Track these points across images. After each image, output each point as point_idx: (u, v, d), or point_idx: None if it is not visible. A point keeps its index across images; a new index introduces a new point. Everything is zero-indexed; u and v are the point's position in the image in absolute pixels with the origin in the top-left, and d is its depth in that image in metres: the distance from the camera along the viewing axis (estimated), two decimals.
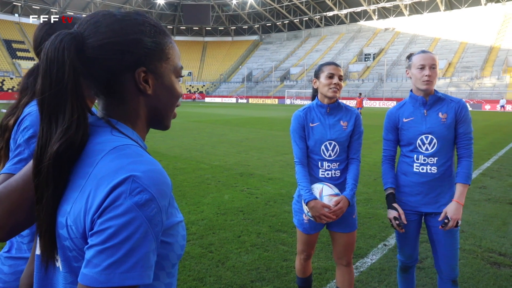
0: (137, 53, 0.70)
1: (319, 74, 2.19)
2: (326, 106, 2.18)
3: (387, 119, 2.28)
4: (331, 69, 2.13)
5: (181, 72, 0.80)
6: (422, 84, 2.10)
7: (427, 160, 2.13)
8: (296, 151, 2.20)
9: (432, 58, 2.10)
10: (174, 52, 0.77)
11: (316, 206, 2.01)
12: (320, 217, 2.01)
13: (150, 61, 0.72)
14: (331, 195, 2.04)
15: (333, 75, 2.12)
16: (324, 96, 2.17)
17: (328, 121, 2.17)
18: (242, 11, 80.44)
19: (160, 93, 0.75)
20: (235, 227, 4.12)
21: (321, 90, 2.17)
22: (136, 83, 0.71)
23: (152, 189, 0.60)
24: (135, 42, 0.69)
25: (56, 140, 0.63)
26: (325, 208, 2.01)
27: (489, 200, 5.31)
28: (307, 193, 2.06)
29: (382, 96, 48.76)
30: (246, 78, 69.41)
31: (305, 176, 2.13)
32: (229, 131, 14.81)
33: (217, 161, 8.17)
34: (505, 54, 47.41)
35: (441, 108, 2.14)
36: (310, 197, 2.04)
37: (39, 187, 0.64)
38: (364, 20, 70.54)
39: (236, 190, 5.68)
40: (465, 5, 59.13)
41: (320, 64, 2.23)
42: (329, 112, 2.19)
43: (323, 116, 2.19)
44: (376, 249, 3.58)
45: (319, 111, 2.20)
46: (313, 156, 2.18)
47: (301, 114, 2.21)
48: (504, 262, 3.34)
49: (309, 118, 2.19)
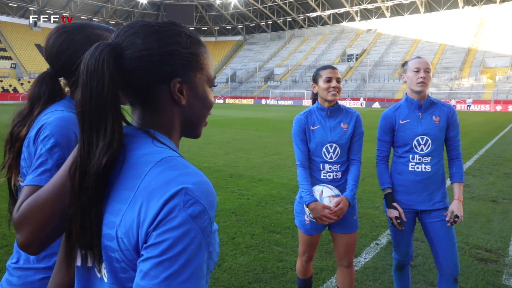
0: (173, 64, 0.71)
1: (317, 78, 2.23)
2: (326, 109, 2.23)
3: (383, 120, 2.35)
4: (328, 73, 2.18)
5: (214, 82, 0.81)
6: (417, 85, 2.19)
7: (422, 160, 2.23)
8: (297, 154, 2.24)
9: (426, 62, 2.20)
10: (208, 63, 0.78)
11: (317, 208, 2.06)
12: (321, 218, 2.05)
13: (185, 72, 0.73)
14: (331, 196, 2.08)
15: (330, 78, 2.17)
16: (324, 99, 2.21)
17: (329, 123, 2.22)
18: (226, 11, 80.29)
19: (194, 103, 0.76)
20: (229, 229, 4.13)
21: (321, 94, 2.21)
22: (171, 94, 0.72)
23: (204, 200, 0.61)
24: (171, 53, 0.71)
25: (102, 154, 0.64)
26: (325, 209, 2.05)
27: (473, 198, 5.49)
28: (308, 195, 2.10)
29: (365, 96, 49.52)
30: (230, 79, 69.30)
31: (306, 179, 2.17)
32: (215, 131, 14.78)
33: (205, 162, 8.15)
34: (482, 55, 48.91)
35: (434, 111, 2.26)
36: (311, 199, 2.09)
37: (85, 200, 0.64)
38: (346, 21, 71.49)
39: (227, 192, 5.69)
40: (444, 8, 60.68)
41: (317, 69, 2.28)
42: (330, 115, 2.23)
43: (324, 119, 2.23)
44: (369, 248, 3.66)
45: (319, 114, 2.24)
46: (314, 158, 2.22)
47: (302, 118, 2.25)
48: (491, 258, 3.47)
49: (310, 121, 2.24)
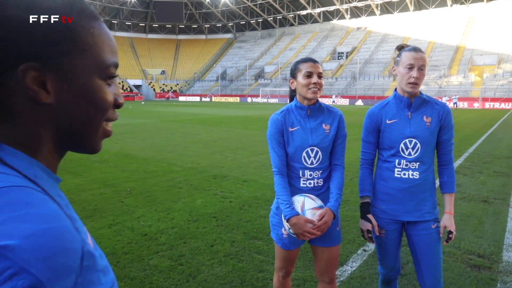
0: (25, 39, 0.45)
1: (296, 73, 1.95)
2: (306, 108, 1.96)
3: (368, 119, 2.09)
4: (309, 67, 1.90)
5: (111, 72, 0.55)
6: (407, 86, 1.93)
7: (409, 165, 1.97)
8: (274, 159, 1.96)
9: (422, 58, 1.91)
10: (98, 42, 0.52)
11: (299, 223, 1.79)
12: (303, 234, 1.79)
13: (50, 52, 0.47)
14: (314, 208, 1.83)
15: (311, 73, 1.89)
16: (304, 97, 1.94)
17: (309, 124, 1.95)
18: (216, 9, 79.67)
19: (72, 102, 0.50)
20: (208, 235, 3.87)
21: (300, 91, 1.94)
22: (25, 88, 0.46)
23: (39, 267, 0.36)
24: (20, 21, 0.45)
25: None
26: (308, 223, 1.79)
27: (464, 198, 5.31)
28: (288, 208, 1.83)
29: (355, 94, 49.58)
30: (221, 77, 68.82)
31: (285, 188, 1.90)
32: (203, 130, 14.47)
33: (190, 163, 7.86)
34: (470, 53, 49.27)
35: (425, 111, 1.99)
36: (292, 213, 1.82)
37: None
38: (337, 19, 71.44)
39: (209, 194, 5.42)
40: (433, 6, 60.98)
41: (296, 62, 1.99)
42: (310, 115, 1.97)
43: (304, 119, 1.96)
44: (356, 255, 3.43)
45: (298, 114, 1.97)
46: (293, 164, 1.96)
47: (279, 118, 1.97)
48: (484, 265, 3.26)
49: (288, 121, 1.96)
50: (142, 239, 3.77)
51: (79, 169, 7.10)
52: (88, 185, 5.91)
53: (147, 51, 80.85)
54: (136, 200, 5.13)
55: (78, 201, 5.06)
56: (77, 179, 6.30)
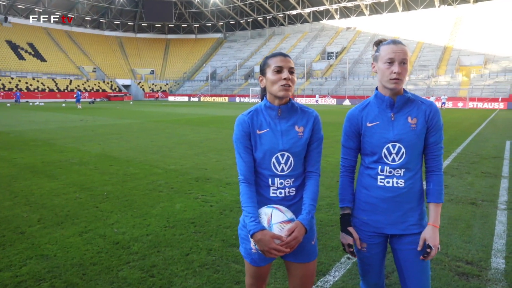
0: None
1: (265, 69, 1.75)
2: (276, 108, 1.75)
3: (347, 122, 1.89)
4: (278, 61, 1.69)
5: None
6: (389, 82, 1.71)
7: (393, 172, 1.76)
8: (240, 166, 1.76)
9: (403, 51, 1.70)
10: None
11: (264, 239, 1.57)
12: (269, 251, 1.57)
13: None
14: (282, 222, 1.61)
15: (281, 68, 1.69)
16: (274, 96, 1.73)
17: (280, 126, 1.75)
18: (205, 8, 79.16)
19: None
20: (184, 243, 3.65)
21: (269, 88, 1.73)
22: None
23: None
24: None
25: None
26: (276, 239, 1.58)
27: (452, 200, 5.18)
28: (253, 222, 1.62)
29: (345, 94, 49.69)
30: (210, 77, 68.40)
31: (250, 198, 1.69)
32: (190, 131, 14.20)
33: (172, 164, 7.61)
34: (457, 54, 49.78)
35: (410, 111, 1.78)
36: (256, 228, 1.60)
37: None
38: (326, 19, 71.58)
39: (190, 198, 5.19)
40: (421, 7, 61.47)
41: (265, 57, 1.77)
42: (281, 116, 1.76)
43: (274, 121, 1.75)
44: (339, 264, 3.24)
45: (268, 115, 1.76)
46: (261, 171, 1.75)
47: (246, 119, 1.76)
48: (472, 272, 3.11)
49: (256, 123, 1.75)
50: (113, 248, 3.53)
51: (57, 172, 6.80)
52: (63, 189, 5.63)
53: (136, 50, 79.93)
54: (112, 205, 4.88)
55: (51, 206, 4.79)
56: (52, 183, 6.01)
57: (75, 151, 9.28)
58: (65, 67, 64.36)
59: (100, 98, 59.32)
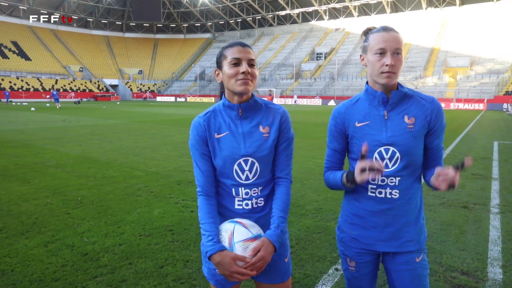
0: None
1: (221, 61, 1.48)
2: (236, 106, 1.49)
3: (332, 120, 1.62)
4: (236, 52, 1.43)
5: None
6: (380, 76, 1.45)
7: (387, 181, 1.51)
8: (197, 176, 1.50)
9: (396, 39, 1.44)
10: None
11: (224, 261, 1.30)
12: (231, 275, 1.31)
13: None
14: (246, 240, 1.34)
15: (239, 60, 1.43)
16: (232, 92, 1.47)
17: (242, 128, 1.49)
18: (194, 8, 78.57)
19: None
20: (159, 254, 3.35)
21: (227, 84, 1.47)
22: None
23: None
24: None
25: None
26: (238, 261, 1.31)
27: (444, 204, 4.98)
28: (210, 242, 1.35)
29: (334, 94, 49.76)
30: (199, 77, 67.84)
31: (209, 213, 1.43)
32: (175, 132, 13.85)
33: (154, 166, 7.28)
34: (444, 55, 50.35)
35: (407, 109, 1.52)
36: (214, 249, 1.33)
37: None
38: (315, 20, 71.70)
39: (169, 203, 4.89)
40: (409, 9, 62.01)
41: (222, 47, 1.51)
42: (242, 115, 1.50)
43: (234, 122, 1.50)
44: (327, 276, 2.99)
45: (227, 115, 1.51)
46: (223, 180, 1.49)
47: (201, 122, 1.51)
48: (469, 284, 2.89)
49: (214, 126, 1.50)
50: (80, 260, 3.21)
51: (30, 175, 6.41)
52: (34, 194, 5.27)
53: (124, 50, 78.83)
54: (85, 211, 4.55)
55: (17, 213, 4.43)
56: (23, 187, 5.63)
57: (53, 152, 8.86)
58: (51, 67, 63.02)
59: (86, 98, 58.26)
